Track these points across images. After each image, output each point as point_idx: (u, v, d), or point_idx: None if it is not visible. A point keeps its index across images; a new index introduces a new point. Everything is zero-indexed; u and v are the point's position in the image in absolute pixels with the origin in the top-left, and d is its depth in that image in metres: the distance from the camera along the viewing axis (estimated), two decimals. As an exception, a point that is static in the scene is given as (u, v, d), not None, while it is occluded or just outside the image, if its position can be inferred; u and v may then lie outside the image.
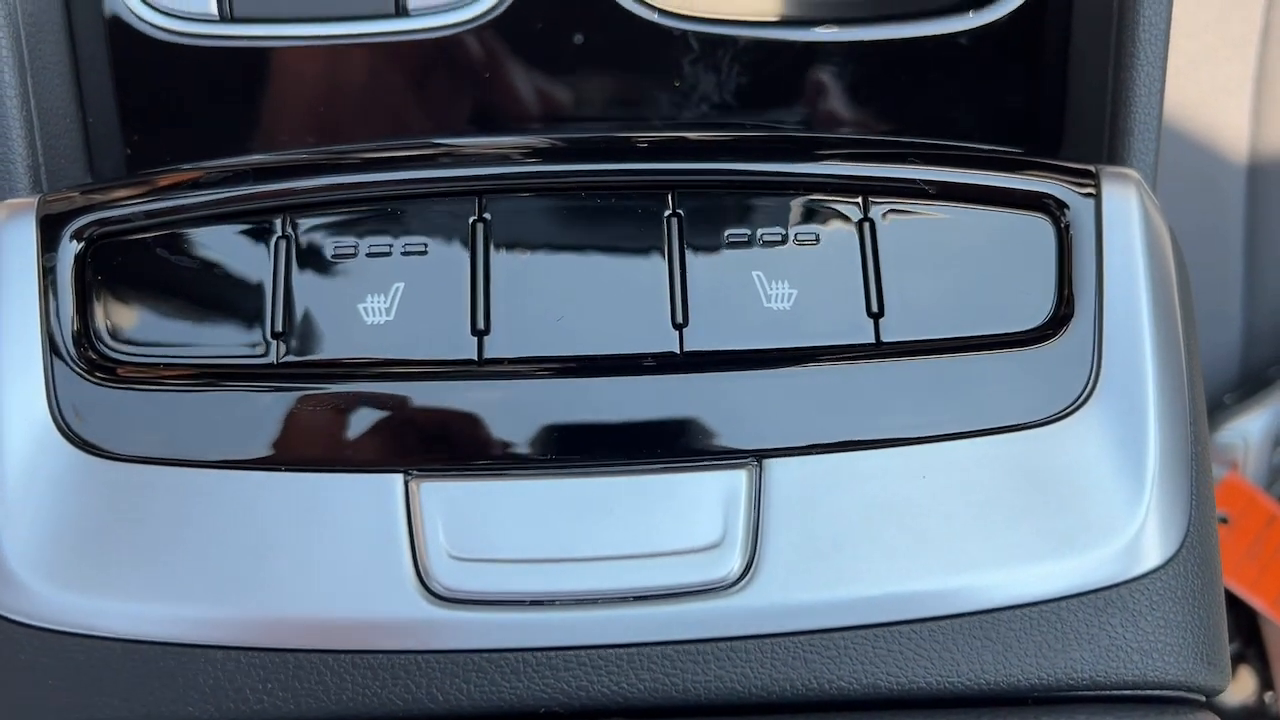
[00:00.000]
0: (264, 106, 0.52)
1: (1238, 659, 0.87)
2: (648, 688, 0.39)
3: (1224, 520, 0.81)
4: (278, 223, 0.43)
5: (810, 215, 0.44)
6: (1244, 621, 0.87)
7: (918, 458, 0.41)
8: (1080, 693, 0.40)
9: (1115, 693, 0.41)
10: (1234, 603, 0.81)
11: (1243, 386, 0.86)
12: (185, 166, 0.48)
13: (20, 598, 0.40)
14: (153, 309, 0.43)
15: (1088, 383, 0.42)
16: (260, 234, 0.43)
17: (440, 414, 0.41)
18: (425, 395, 0.41)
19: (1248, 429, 0.82)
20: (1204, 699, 0.43)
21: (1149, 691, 0.41)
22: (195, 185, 0.44)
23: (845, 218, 0.44)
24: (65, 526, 0.40)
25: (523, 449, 0.41)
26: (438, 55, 0.51)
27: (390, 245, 0.43)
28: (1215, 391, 0.86)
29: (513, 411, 0.41)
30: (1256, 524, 0.80)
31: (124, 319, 0.43)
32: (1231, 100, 0.79)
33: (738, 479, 0.40)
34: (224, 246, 0.43)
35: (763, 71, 0.52)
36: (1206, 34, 0.76)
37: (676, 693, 0.39)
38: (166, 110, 0.52)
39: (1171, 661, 0.41)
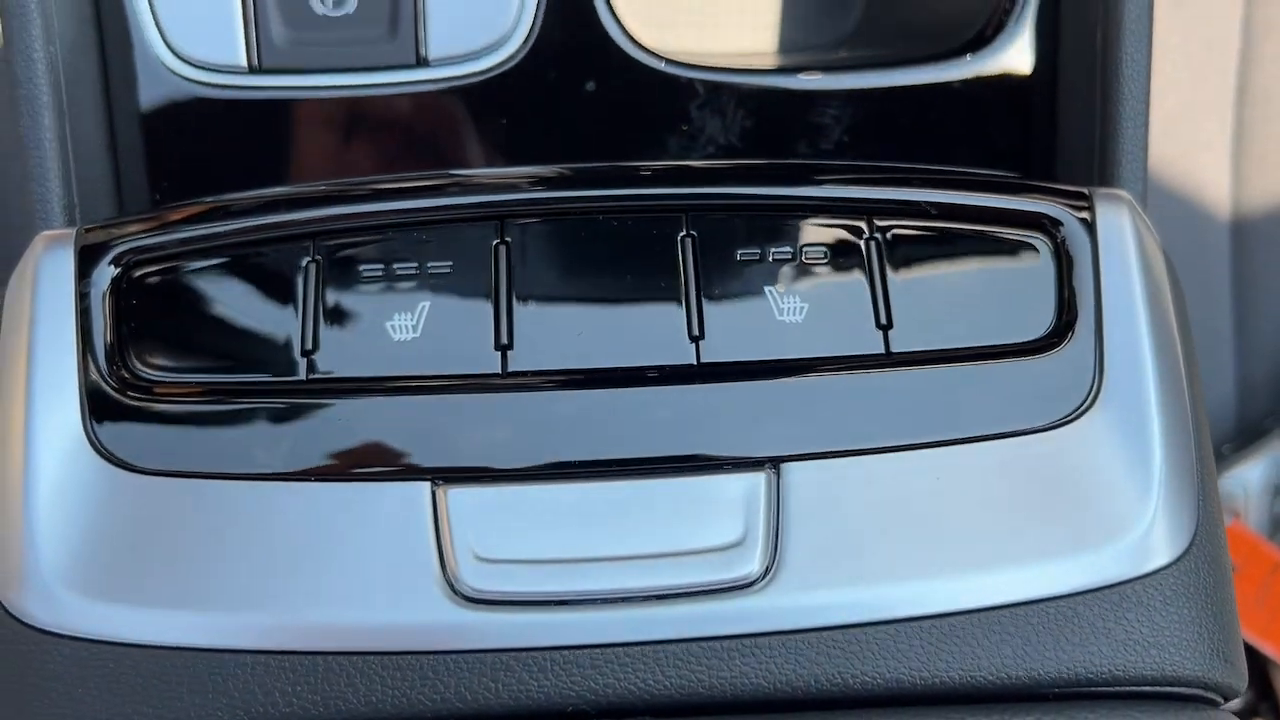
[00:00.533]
0: (289, 152, 0.54)
1: (1250, 713, 0.87)
2: (674, 684, 0.39)
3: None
4: (307, 248, 0.45)
5: (818, 235, 0.46)
6: (1256, 675, 0.86)
7: (930, 461, 0.42)
8: (1100, 688, 0.41)
9: (1134, 689, 0.41)
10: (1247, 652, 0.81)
11: (1240, 438, 0.88)
12: (214, 199, 0.50)
13: (53, 609, 0.40)
14: (186, 331, 0.45)
15: (1091, 388, 0.44)
16: (291, 259, 0.45)
17: (466, 424, 0.42)
18: (451, 407, 0.42)
19: (1247, 478, 0.83)
20: (1221, 700, 0.43)
21: (1167, 688, 0.41)
22: (227, 214, 0.46)
23: (852, 237, 0.46)
24: (98, 540, 0.41)
25: (546, 457, 0.42)
26: (457, 103, 0.54)
27: (416, 268, 0.44)
28: (1213, 443, 0.88)
29: (536, 421, 0.42)
30: (1262, 571, 0.81)
31: (158, 340, 0.44)
32: (1211, 157, 0.83)
33: (757, 482, 0.42)
34: (255, 271, 0.45)
35: (767, 113, 0.55)
36: (1184, 92, 0.80)
37: (702, 689, 0.39)
38: (195, 157, 0.54)
39: (1188, 656, 0.41)
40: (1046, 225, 0.46)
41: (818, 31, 0.69)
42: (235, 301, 0.45)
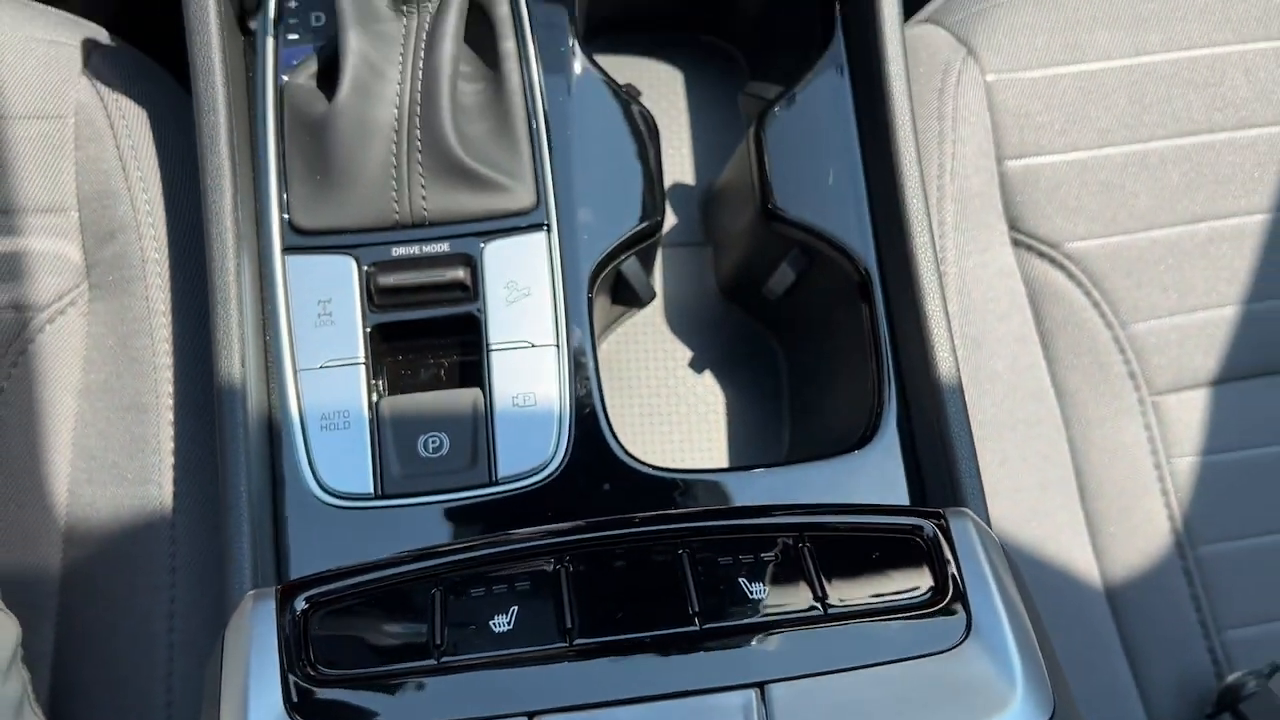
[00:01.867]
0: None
1: None
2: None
3: None
4: (433, 583, 0.67)
5: (770, 545, 0.69)
6: None
7: (867, 675, 0.63)
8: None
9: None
10: None
11: (1163, 771, 1.03)
12: (370, 561, 0.72)
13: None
14: (354, 641, 0.65)
15: (966, 627, 0.65)
16: (424, 590, 0.67)
17: (549, 681, 0.62)
18: (537, 671, 0.63)
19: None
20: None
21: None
22: (381, 566, 0.69)
23: (792, 545, 0.69)
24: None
25: (604, 695, 0.62)
26: (518, 505, 0.79)
27: (508, 586, 0.67)
28: (1141, 775, 1.03)
29: (596, 675, 0.63)
30: None
31: (335, 649, 0.65)
32: (1073, 539, 1.07)
33: (750, 696, 0.61)
34: (401, 601, 0.67)
35: (730, 498, 0.80)
36: (1034, 496, 1.06)
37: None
38: (335, 558, 0.77)
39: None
40: (918, 532, 0.70)
41: (760, 453, 0.98)
42: (387, 621, 0.66)
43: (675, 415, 1.00)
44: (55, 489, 0.95)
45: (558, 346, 0.82)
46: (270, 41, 0.88)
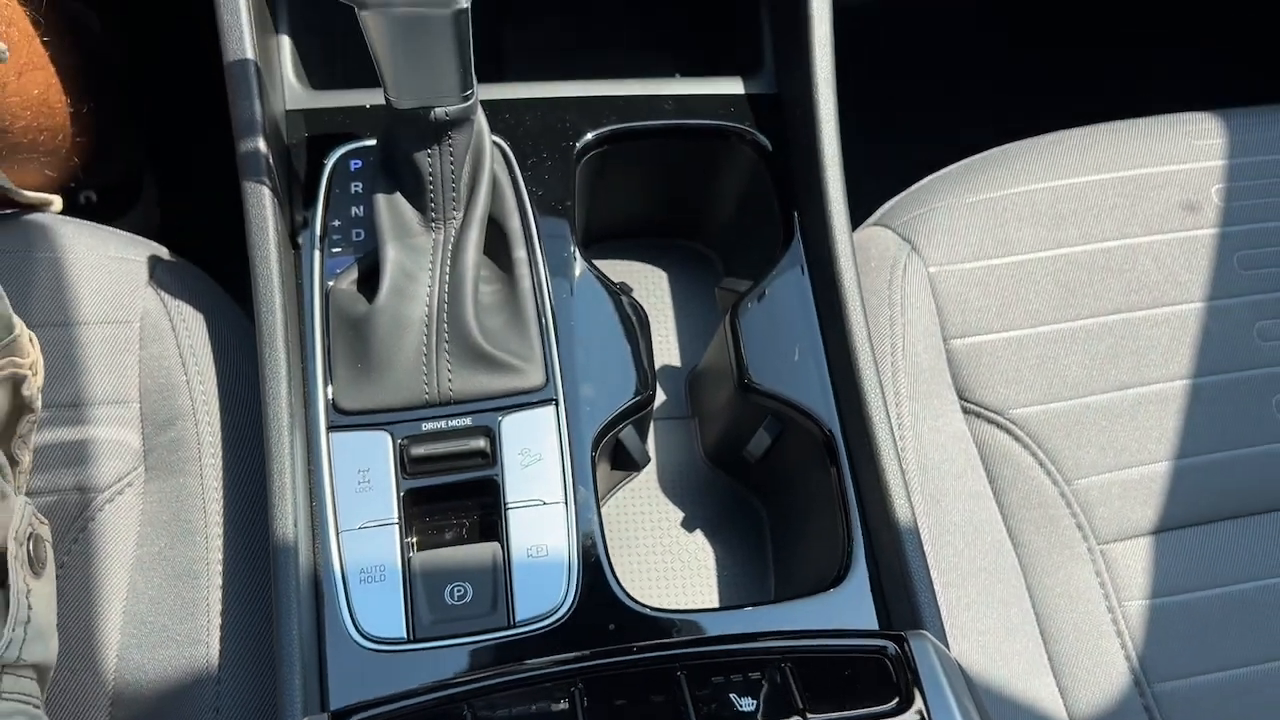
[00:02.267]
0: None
1: None
2: None
3: None
4: (464, 706, 0.77)
5: (757, 667, 0.80)
6: None
7: (842, 771, 0.73)
8: None
9: None
10: None
11: None
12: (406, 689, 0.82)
13: None
14: (398, 756, 0.75)
15: (928, 730, 0.76)
16: (456, 712, 0.77)
17: (568, 784, 0.72)
18: (558, 777, 0.72)
19: None
20: None
21: None
22: (418, 694, 0.79)
23: (776, 668, 0.80)
24: None
25: (618, 796, 0.71)
26: (535, 644, 0.90)
27: (531, 707, 0.77)
28: None
29: (609, 780, 0.72)
30: None
31: (382, 763, 0.74)
32: (1038, 680, 1.16)
33: (743, 789, 0.71)
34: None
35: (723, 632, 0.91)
36: (997, 635, 1.17)
37: None
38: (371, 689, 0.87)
39: None
40: (882, 651, 0.81)
41: (747, 596, 1.09)
42: (426, 738, 0.76)
43: (671, 569, 1.12)
44: (105, 655, 1.04)
45: (566, 504, 0.95)
46: (317, 254, 1.04)
